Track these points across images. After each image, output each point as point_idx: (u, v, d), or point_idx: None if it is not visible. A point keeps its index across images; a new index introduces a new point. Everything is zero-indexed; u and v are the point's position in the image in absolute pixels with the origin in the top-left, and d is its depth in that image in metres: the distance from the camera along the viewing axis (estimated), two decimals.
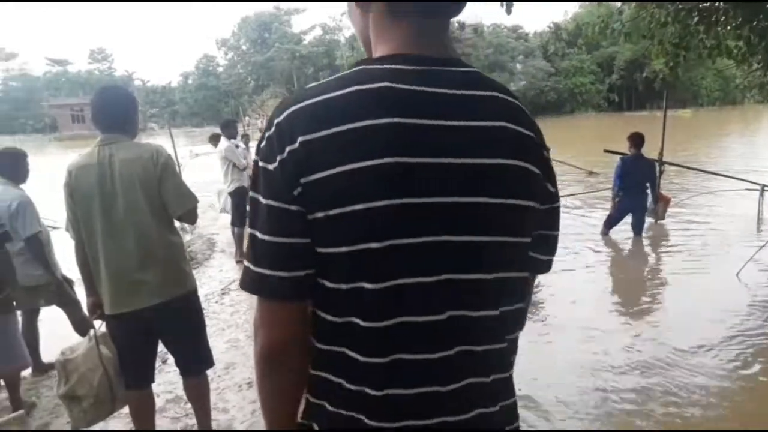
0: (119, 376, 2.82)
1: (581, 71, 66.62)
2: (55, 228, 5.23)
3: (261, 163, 0.86)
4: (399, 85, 0.84)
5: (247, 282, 0.90)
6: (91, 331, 2.88)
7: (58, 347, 2.92)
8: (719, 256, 6.67)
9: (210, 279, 6.69)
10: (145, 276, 2.63)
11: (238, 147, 7.39)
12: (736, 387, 3.66)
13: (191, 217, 2.83)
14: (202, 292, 3.03)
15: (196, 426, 3.18)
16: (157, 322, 2.73)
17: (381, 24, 0.93)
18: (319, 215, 0.82)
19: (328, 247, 0.84)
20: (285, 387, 0.95)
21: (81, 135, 51.55)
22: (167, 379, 3.95)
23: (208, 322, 3.08)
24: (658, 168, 7.96)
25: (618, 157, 7.88)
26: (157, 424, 3.11)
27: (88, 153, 2.65)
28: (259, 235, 0.87)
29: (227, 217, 7.75)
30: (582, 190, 11.40)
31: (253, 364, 0.96)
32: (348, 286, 0.84)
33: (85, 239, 2.64)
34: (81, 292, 3.32)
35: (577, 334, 4.53)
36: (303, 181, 0.81)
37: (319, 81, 0.90)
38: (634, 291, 5.83)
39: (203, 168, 14.43)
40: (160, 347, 2.95)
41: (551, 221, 1.00)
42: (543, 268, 1.04)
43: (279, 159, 0.83)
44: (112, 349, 2.83)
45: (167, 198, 2.66)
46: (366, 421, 0.88)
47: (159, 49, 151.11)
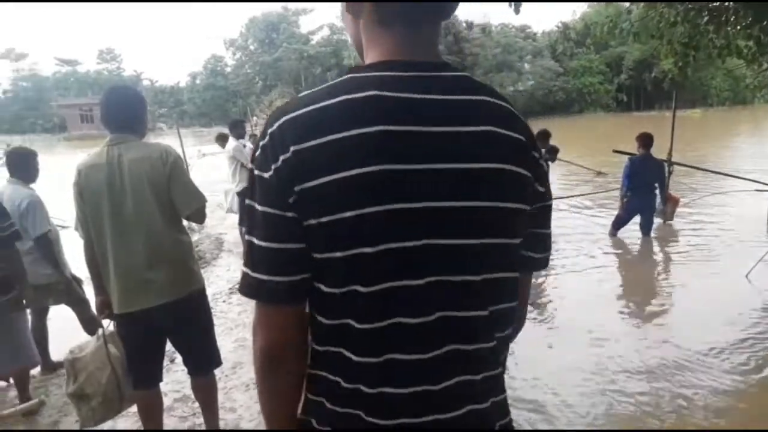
0: (127, 375, 2.83)
1: (590, 71, 66.30)
2: (64, 227, 5.26)
3: (256, 172, 0.89)
4: (387, 92, 0.86)
5: (245, 287, 0.92)
6: (100, 330, 2.90)
7: (67, 346, 2.94)
8: (728, 257, 6.60)
9: (218, 278, 6.71)
10: (154, 275, 2.63)
11: (245, 147, 7.42)
12: (747, 391, 3.60)
13: (200, 216, 2.83)
14: (210, 292, 3.04)
15: (203, 425, 3.19)
16: (166, 322, 2.74)
17: (371, 30, 0.95)
18: (312, 222, 0.85)
19: (323, 253, 0.86)
20: (284, 388, 0.98)
21: (90, 135, 51.90)
22: (175, 378, 3.96)
23: (215, 321, 3.08)
24: (666, 168, 7.92)
25: (626, 158, 7.86)
26: (165, 423, 3.12)
27: (97, 152, 2.65)
28: (256, 241, 0.89)
29: (235, 217, 7.78)
30: (591, 190, 11.36)
31: None
32: (342, 290, 0.87)
33: (94, 238, 2.65)
34: (90, 291, 3.33)
35: (584, 337, 4.49)
36: (297, 189, 0.84)
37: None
38: (642, 292, 5.79)
39: (211, 168, 14.48)
40: (168, 346, 2.96)
41: (542, 220, 1.02)
42: (538, 265, 1.07)
43: (274, 167, 0.85)
44: (120, 348, 2.84)
45: (176, 197, 2.66)
46: (364, 416, 0.90)
47: (167, 50, 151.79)
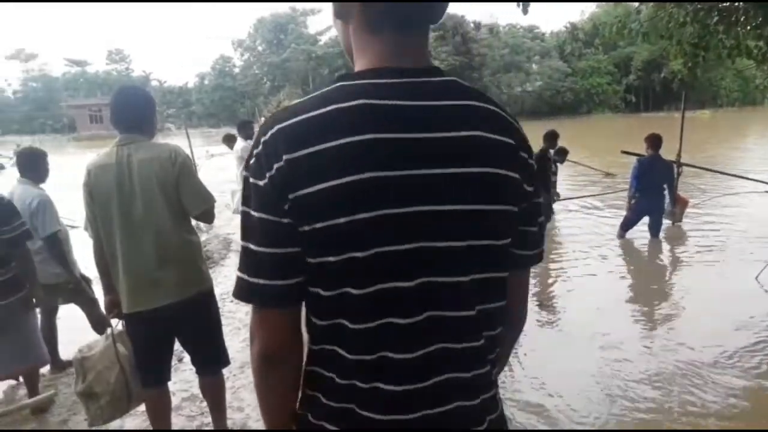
0: (135, 374, 2.84)
1: (598, 72, 66.06)
2: (73, 227, 5.28)
3: (251, 180, 0.91)
4: (375, 101, 0.88)
5: (241, 291, 0.95)
6: (108, 330, 2.91)
7: (76, 345, 2.96)
8: (738, 259, 6.57)
9: (226, 278, 6.72)
10: (163, 275, 2.64)
11: None
12: (759, 396, 3.57)
13: (208, 216, 2.84)
14: (218, 291, 3.05)
15: (211, 424, 3.20)
16: (174, 321, 2.75)
17: (359, 37, 0.96)
18: (306, 228, 0.87)
19: (316, 257, 0.89)
20: (281, 387, 1.01)
21: (99, 135, 52.15)
22: (183, 377, 3.98)
23: (223, 321, 3.09)
24: (675, 169, 7.88)
25: (635, 159, 7.83)
26: (173, 422, 3.13)
27: (106, 153, 2.66)
28: (252, 246, 0.92)
29: None
30: (599, 191, 11.32)
31: None
32: (336, 292, 0.90)
33: (104, 238, 2.66)
34: (99, 291, 3.35)
35: (591, 339, 4.46)
36: (291, 196, 0.86)
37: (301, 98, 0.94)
38: (650, 295, 5.75)
39: (218, 168, 14.52)
40: (177, 345, 2.97)
41: (531, 218, 1.03)
42: (530, 262, 1.08)
43: (268, 175, 0.88)
44: (128, 348, 2.85)
45: (185, 198, 2.67)
46: (357, 410, 0.93)
47: (175, 50, 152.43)
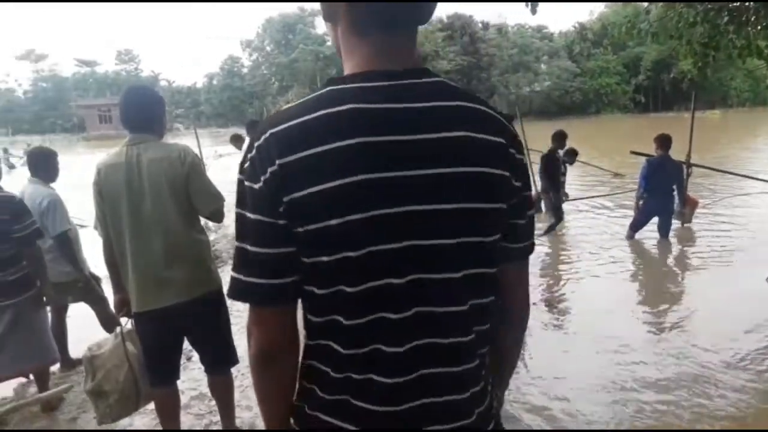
0: (145, 372, 2.86)
1: (607, 72, 65.81)
2: (83, 226, 5.30)
3: (246, 183, 0.93)
4: (364, 105, 0.90)
5: (237, 291, 0.98)
6: (118, 328, 2.93)
7: (86, 343, 2.98)
8: (748, 261, 6.51)
9: None
10: (172, 274, 2.65)
11: None
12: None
13: (218, 216, 2.84)
14: (226, 291, 3.04)
15: (220, 423, 3.21)
16: (183, 320, 2.76)
17: (347, 39, 0.98)
18: (300, 229, 0.90)
19: (311, 257, 0.92)
20: (278, 383, 1.05)
21: (108, 135, 52.52)
22: (192, 376, 4.00)
23: (232, 320, 3.10)
24: (685, 170, 7.82)
25: (644, 159, 7.79)
26: (182, 420, 3.15)
27: (116, 152, 2.67)
28: (248, 247, 0.94)
29: None
30: (607, 191, 11.27)
31: None
32: (330, 290, 0.92)
33: (113, 237, 2.67)
34: (108, 290, 3.37)
35: (600, 342, 4.43)
36: (285, 199, 0.89)
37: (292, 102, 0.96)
38: (660, 297, 5.70)
39: (226, 168, 14.54)
40: (186, 344, 2.98)
41: (520, 212, 1.04)
42: (522, 254, 1.10)
43: (263, 179, 0.90)
44: (137, 346, 2.87)
45: (195, 197, 2.68)
46: (352, 401, 0.96)
47: (184, 50, 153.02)
